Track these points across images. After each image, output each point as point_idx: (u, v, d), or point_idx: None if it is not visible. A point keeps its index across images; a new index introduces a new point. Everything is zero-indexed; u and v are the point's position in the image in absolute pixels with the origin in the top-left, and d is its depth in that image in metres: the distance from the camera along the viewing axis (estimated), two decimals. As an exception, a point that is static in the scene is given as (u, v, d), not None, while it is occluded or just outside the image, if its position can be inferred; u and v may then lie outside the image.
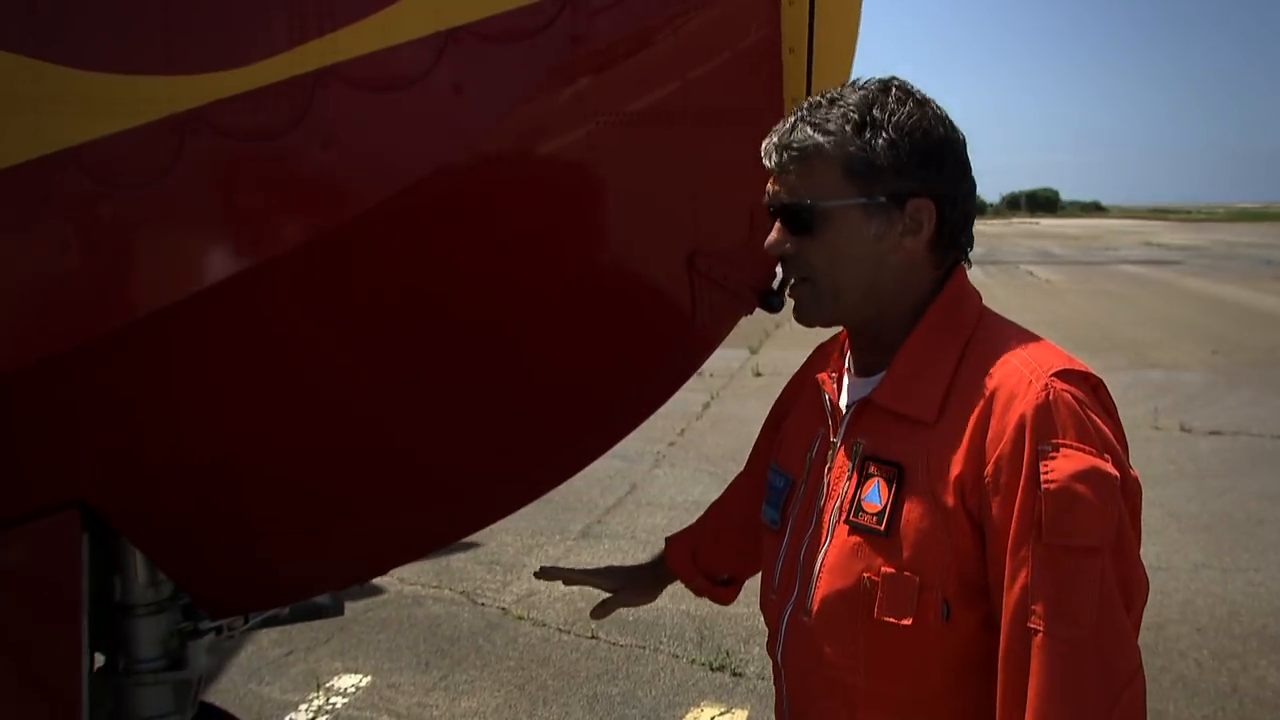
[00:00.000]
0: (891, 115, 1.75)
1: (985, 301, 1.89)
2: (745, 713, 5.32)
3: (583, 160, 2.34)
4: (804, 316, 1.87)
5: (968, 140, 1.86)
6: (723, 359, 14.01)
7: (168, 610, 3.13)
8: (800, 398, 2.11)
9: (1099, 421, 1.64)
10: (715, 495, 2.67)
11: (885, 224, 1.77)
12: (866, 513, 1.74)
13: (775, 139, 1.82)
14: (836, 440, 1.87)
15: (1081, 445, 1.60)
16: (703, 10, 2.36)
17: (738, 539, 2.45)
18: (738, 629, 6.17)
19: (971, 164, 1.86)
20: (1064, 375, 1.67)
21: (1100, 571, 1.58)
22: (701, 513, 2.69)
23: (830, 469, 1.86)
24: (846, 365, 1.96)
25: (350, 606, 6.50)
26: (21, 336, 2.07)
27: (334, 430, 2.64)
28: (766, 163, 1.84)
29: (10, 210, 1.98)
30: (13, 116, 1.97)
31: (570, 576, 2.61)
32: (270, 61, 2.01)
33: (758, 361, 15.76)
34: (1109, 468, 1.60)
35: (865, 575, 1.72)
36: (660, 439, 10.98)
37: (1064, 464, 1.58)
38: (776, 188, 1.83)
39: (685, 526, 2.67)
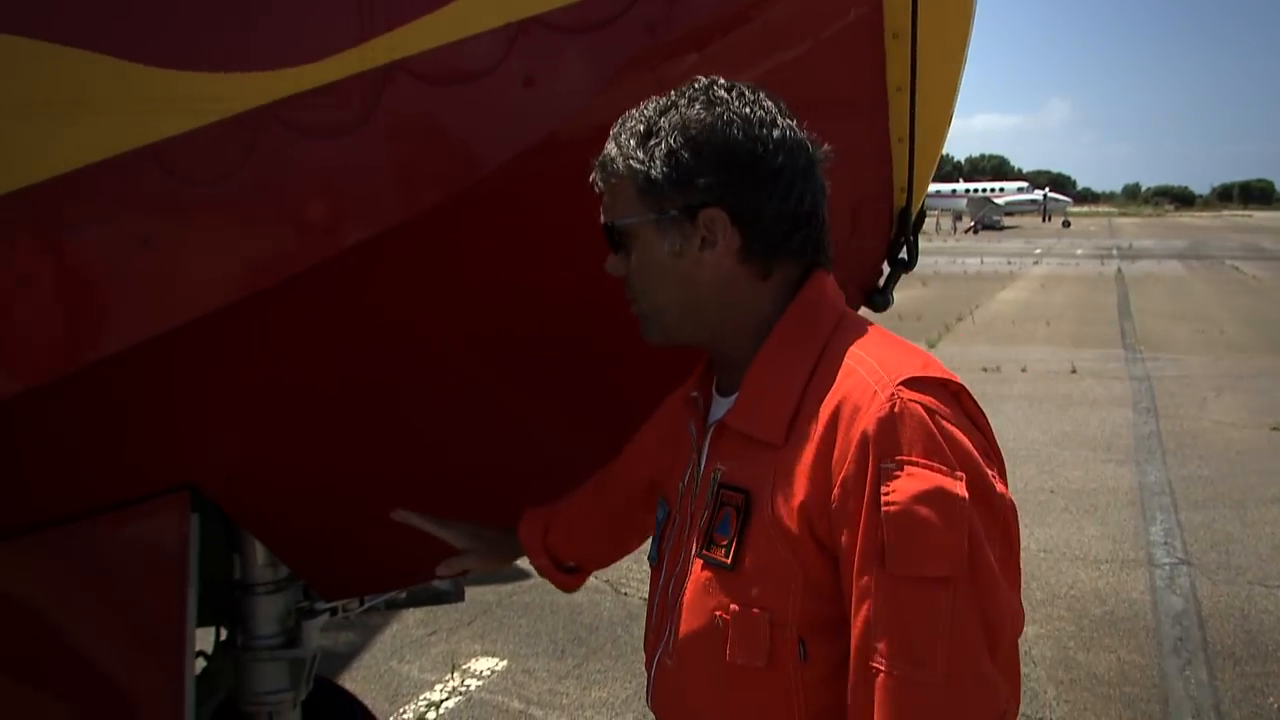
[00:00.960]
0: (674, 122, 1.64)
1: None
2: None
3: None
4: (648, 337, 1.76)
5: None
6: (895, 352, 13.73)
7: (285, 590, 3.23)
8: (676, 418, 1.90)
9: (956, 434, 1.47)
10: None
11: (680, 239, 1.64)
12: (717, 545, 1.59)
13: (594, 160, 1.76)
14: (700, 464, 1.72)
15: (929, 462, 1.43)
16: (791, -4, 2.26)
17: (588, 533, 2.29)
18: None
19: (796, 163, 1.70)
20: (915, 383, 1.49)
21: (951, 604, 1.41)
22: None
23: (694, 498, 1.71)
24: (713, 382, 1.82)
25: (495, 590, 6.62)
26: (116, 324, 2.14)
27: (437, 415, 2.67)
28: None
29: (96, 204, 2.05)
30: (97, 115, 2.03)
31: (424, 524, 2.38)
32: (339, 57, 2.02)
33: (935, 355, 15.39)
34: (957, 488, 1.42)
35: (717, 614, 1.57)
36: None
37: (906, 484, 1.42)
38: (602, 211, 1.76)
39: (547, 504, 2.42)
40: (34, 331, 2.11)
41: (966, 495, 1.43)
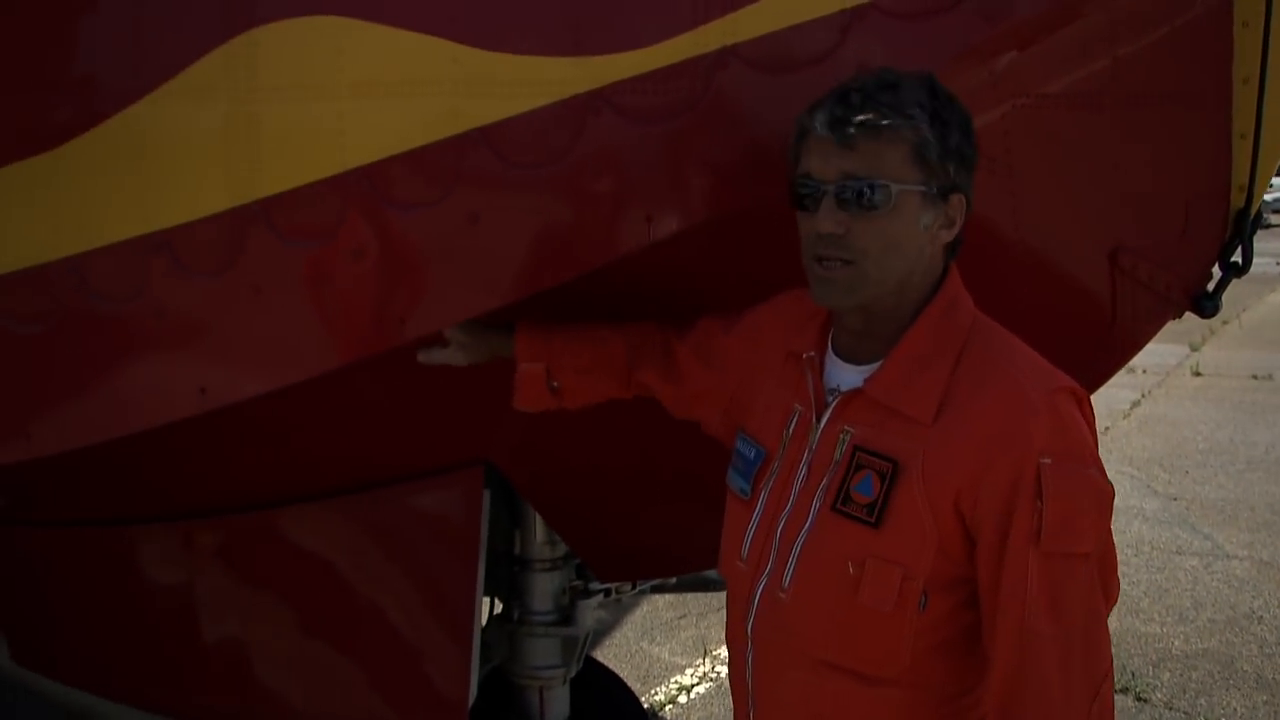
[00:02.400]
0: (953, 110, 1.76)
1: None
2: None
3: (997, 145, 2.18)
4: (832, 298, 1.80)
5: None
6: (1157, 354, 13.02)
7: (562, 568, 3.29)
8: (768, 357, 2.04)
9: (1089, 434, 1.74)
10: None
11: (932, 215, 1.76)
12: (856, 502, 1.77)
13: (842, 113, 1.73)
14: (819, 424, 1.86)
15: (1080, 457, 1.69)
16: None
17: (608, 372, 2.27)
18: (1147, 650, 5.72)
19: None
20: (1062, 389, 1.73)
21: (1089, 576, 1.70)
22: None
23: (812, 451, 1.86)
24: (829, 344, 1.93)
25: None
26: (441, 301, 2.19)
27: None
28: (824, 133, 1.74)
29: (428, 184, 2.10)
30: (433, 97, 2.08)
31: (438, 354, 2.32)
32: (671, 42, 2.00)
33: (1198, 360, 14.48)
34: (1101, 479, 1.70)
35: (850, 562, 1.75)
36: (1081, 436, 10.28)
37: (1064, 476, 1.66)
38: (834, 163, 1.73)
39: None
40: (364, 304, 2.19)
41: (1111, 488, 1.73)
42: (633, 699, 3.75)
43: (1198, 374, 13.55)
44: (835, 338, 1.92)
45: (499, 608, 3.43)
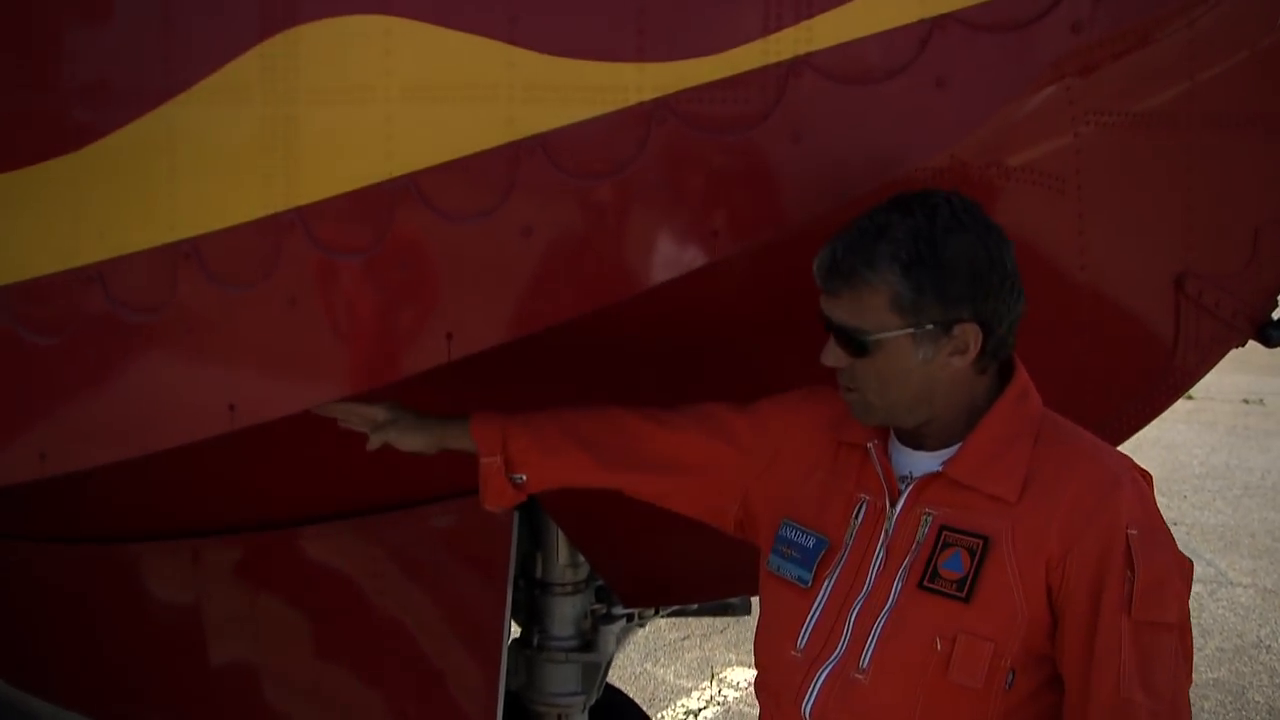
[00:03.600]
0: (940, 249, 1.74)
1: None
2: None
3: (1068, 165, 2.10)
4: (854, 415, 1.89)
5: None
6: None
7: (584, 591, 3.18)
8: (805, 449, 2.03)
9: (1160, 513, 1.80)
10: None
11: (933, 348, 1.78)
12: (945, 579, 1.78)
13: (826, 263, 1.79)
14: (894, 509, 1.87)
15: (1163, 531, 1.76)
16: (1225, 1, 2.04)
17: (569, 449, 2.16)
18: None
19: (1014, 267, 1.81)
20: (1136, 469, 1.81)
21: (1176, 647, 1.73)
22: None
23: (888, 536, 1.86)
24: (890, 435, 1.95)
25: (743, 598, 6.48)
26: (483, 320, 2.09)
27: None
28: (817, 279, 1.81)
29: (479, 194, 2.00)
30: (486, 103, 1.98)
31: (337, 411, 2.22)
32: (742, 49, 1.91)
33: (1188, 381, 14.51)
34: (1180, 551, 1.77)
35: (939, 637, 1.75)
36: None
37: (1152, 549, 1.72)
38: (829, 306, 1.81)
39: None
40: (410, 319, 2.09)
41: (1189, 561, 1.79)
42: (652, 728, 3.65)
43: (1189, 398, 13.50)
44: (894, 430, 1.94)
45: (517, 633, 3.32)
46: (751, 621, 6.05)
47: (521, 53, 1.97)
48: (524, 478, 2.17)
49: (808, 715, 1.85)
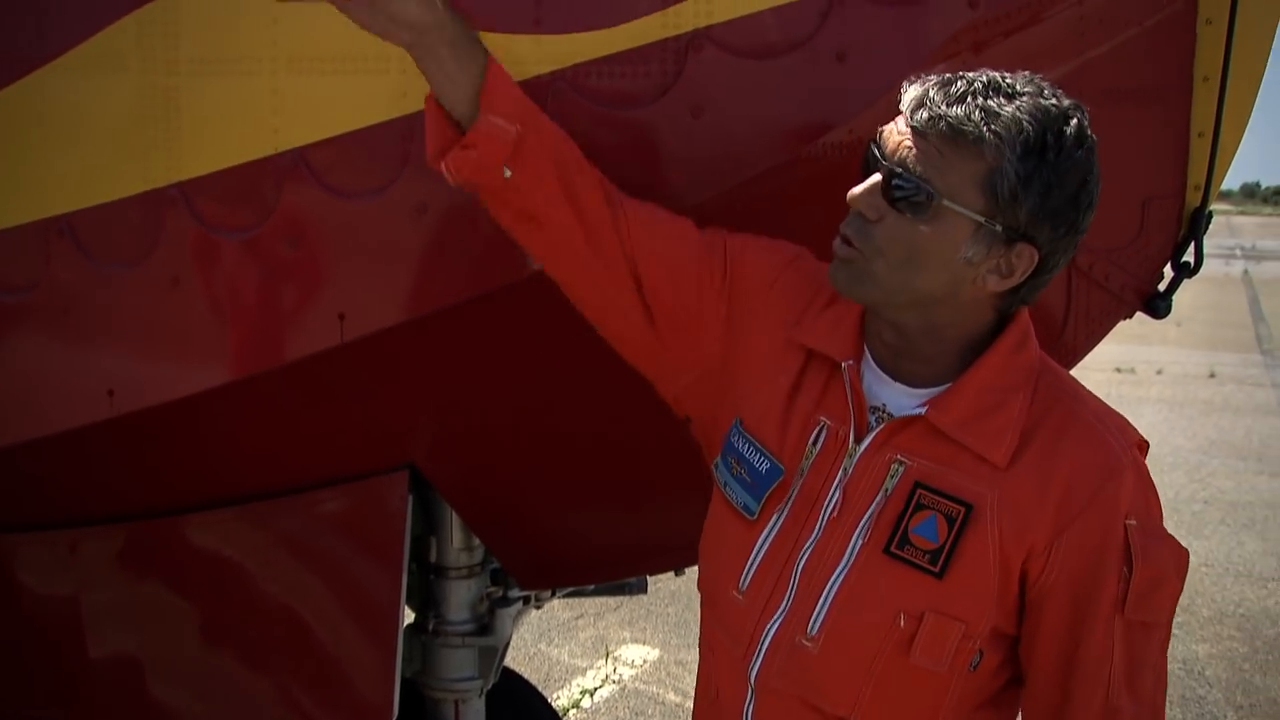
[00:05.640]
0: (1062, 155, 1.50)
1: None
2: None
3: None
4: (837, 280, 1.60)
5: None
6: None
7: (478, 575, 3.13)
8: (772, 332, 1.75)
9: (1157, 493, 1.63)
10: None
11: (984, 252, 1.53)
12: (915, 547, 1.57)
13: (934, 95, 1.52)
14: (858, 445, 1.64)
15: (1158, 518, 1.60)
16: (1117, -23, 2.06)
17: (563, 184, 1.73)
18: None
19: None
20: (1138, 446, 1.62)
21: (1162, 645, 1.62)
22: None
23: (847, 476, 1.64)
24: (865, 354, 1.69)
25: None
26: (376, 300, 2.03)
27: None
28: (905, 110, 1.54)
29: (371, 170, 1.93)
30: (377, 76, 1.91)
31: None
32: (641, 22, 1.87)
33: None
34: (1180, 545, 1.61)
35: (902, 615, 1.57)
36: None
37: (1150, 540, 1.56)
38: (903, 145, 1.52)
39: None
40: (299, 299, 2.02)
41: (1185, 550, 1.62)
42: (550, 711, 3.62)
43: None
44: (871, 345, 1.69)
45: (412, 618, 3.26)
46: (646, 599, 6.09)
47: (414, 24, 1.90)
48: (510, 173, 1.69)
49: (753, 678, 1.67)
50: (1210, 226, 2.44)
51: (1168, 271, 2.45)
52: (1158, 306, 2.48)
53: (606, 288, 1.80)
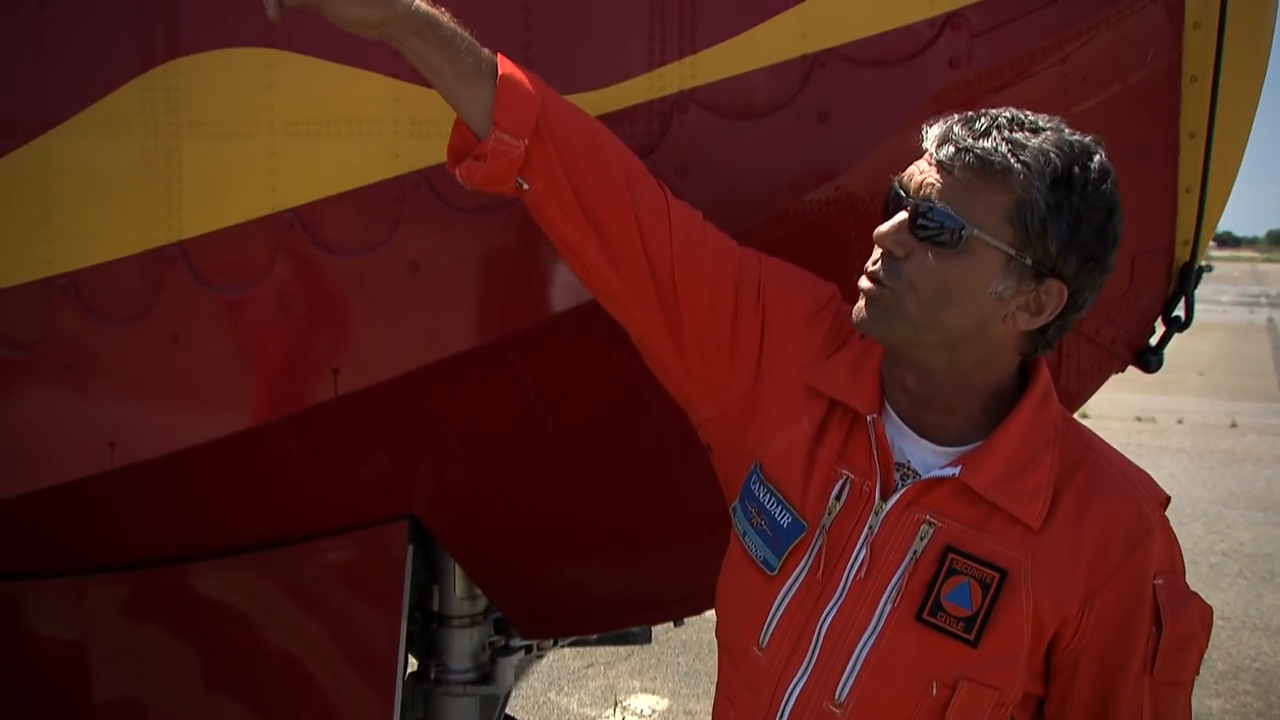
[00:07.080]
0: (1089, 186, 1.50)
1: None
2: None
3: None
4: (864, 320, 1.57)
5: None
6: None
7: (480, 624, 3.15)
8: (794, 375, 1.71)
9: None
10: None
11: (1014, 287, 1.51)
12: (948, 614, 1.53)
13: (958, 130, 1.51)
14: (884, 502, 1.59)
15: (1182, 575, 1.60)
16: (1097, 36, 2.10)
17: (595, 175, 1.72)
18: None
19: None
20: (1163, 503, 1.61)
21: (1186, 701, 1.62)
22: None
23: (872, 534, 1.59)
24: (887, 407, 1.66)
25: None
26: (372, 356, 2.07)
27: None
28: (929, 147, 1.54)
29: (365, 228, 1.98)
30: (372, 138, 1.96)
31: None
32: (627, 84, 1.93)
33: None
34: (1203, 600, 1.61)
35: (935, 683, 1.53)
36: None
37: (1178, 599, 1.57)
38: (927, 181, 1.51)
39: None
40: (294, 355, 2.07)
41: (1209, 607, 1.62)
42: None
43: (1084, 415, 13.82)
44: (891, 396, 1.65)
45: (414, 666, 3.28)
46: (656, 648, 6.07)
47: (407, 87, 1.96)
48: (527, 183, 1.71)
49: None
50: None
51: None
52: (1149, 360, 2.50)
53: (640, 318, 1.78)
